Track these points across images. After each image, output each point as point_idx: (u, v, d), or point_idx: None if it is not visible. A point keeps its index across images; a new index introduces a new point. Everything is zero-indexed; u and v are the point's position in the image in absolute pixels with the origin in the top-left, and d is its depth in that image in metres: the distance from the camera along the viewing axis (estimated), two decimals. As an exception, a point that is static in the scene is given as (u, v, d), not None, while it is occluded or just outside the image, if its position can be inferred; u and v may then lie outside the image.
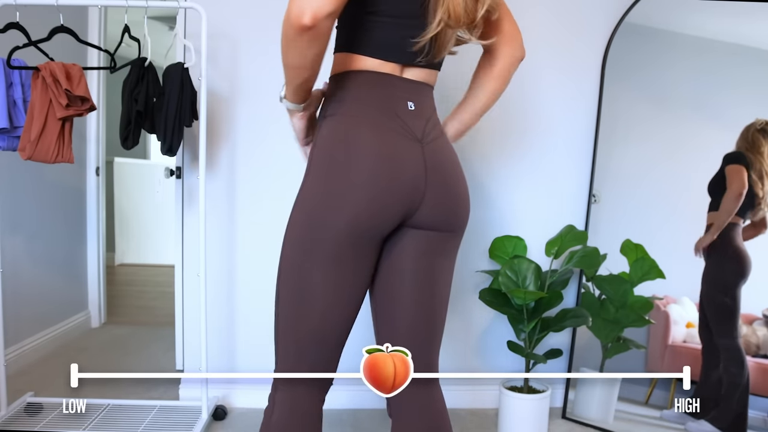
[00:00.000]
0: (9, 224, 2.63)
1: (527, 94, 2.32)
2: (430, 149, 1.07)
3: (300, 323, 1.05)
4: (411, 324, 1.12)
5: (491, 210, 2.36)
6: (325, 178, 1.02)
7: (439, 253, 1.12)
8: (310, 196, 1.03)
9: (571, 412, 2.31)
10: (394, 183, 1.01)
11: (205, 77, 2.00)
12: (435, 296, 1.13)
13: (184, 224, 2.40)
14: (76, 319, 3.27)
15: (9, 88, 1.93)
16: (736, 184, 2.03)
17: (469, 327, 2.40)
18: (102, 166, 3.44)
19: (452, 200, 1.10)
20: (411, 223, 1.07)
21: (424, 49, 1.04)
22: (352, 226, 0.99)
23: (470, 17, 1.03)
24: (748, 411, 1.99)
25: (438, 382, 1.16)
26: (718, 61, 2.14)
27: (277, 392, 1.10)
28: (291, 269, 1.05)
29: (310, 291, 1.03)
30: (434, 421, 1.12)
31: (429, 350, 1.15)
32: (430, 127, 1.09)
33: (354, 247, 1.02)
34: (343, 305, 1.06)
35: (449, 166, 1.10)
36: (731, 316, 2.04)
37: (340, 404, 2.37)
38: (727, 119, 2.10)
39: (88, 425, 2.01)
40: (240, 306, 2.34)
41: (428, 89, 1.12)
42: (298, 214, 1.04)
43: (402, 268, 1.10)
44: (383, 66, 1.05)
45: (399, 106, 1.05)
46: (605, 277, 2.22)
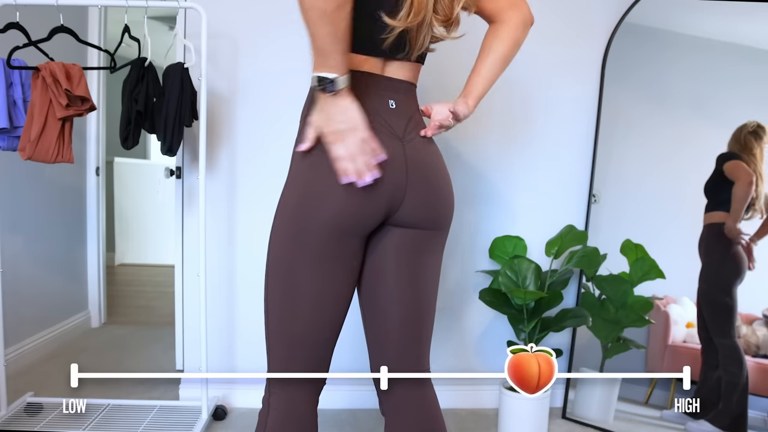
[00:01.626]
0: (9, 224, 2.63)
1: (527, 94, 2.32)
2: (412, 147, 1.06)
3: (291, 324, 1.05)
4: (399, 323, 1.12)
5: (491, 210, 2.36)
6: (307, 177, 1.01)
7: (423, 251, 1.11)
8: (294, 197, 1.03)
9: (571, 412, 2.31)
10: (375, 181, 1.00)
11: (205, 77, 2.00)
12: (421, 294, 1.13)
13: (184, 224, 2.40)
14: (76, 319, 3.27)
15: (9, 88, 1.93)
16: (743, 174, 2.03)
17: (469, 327, 2.40)
18: (102, 166, 3.44)
19: (434, 198, 1.09)
20: (394, 222, 1.07)
21: (400, 44, 1.03)
22: (335, 223, 0.99)
23: (446, 14, 1.03)
24: (747, 411, 1.99)
25: (430, 380, 1.16)
26: (718, 60, 2.14)
27: (271, 395, 1.09)
28: (278, 271, 1.05)
29: (299, 291, 1.03)
30: (427, 418, 1.12)
31: (418, 348, 1.14)
32: (412, 126, 1.08)
33: (339, 244, 1.02)
34: (332, 303, 1.06)
35: (431, 164, 1.09)
36: (730, 316, 2.04)
37: (339, 404, 2.37)
38: (727, 119, 2.10)
39: (88, 425, 2.01)
40: (240, 306, 2.34)
41: (410, 87, 1.11)
42: (281, 216, 1.04)
43: (387, 268, 1.10)
44: (365, 62, 1.03)
45: (380, 104, 1.04)
46: (605, 277, 2.22)
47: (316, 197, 1.00)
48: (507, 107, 2.31)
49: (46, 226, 2.96)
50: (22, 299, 2.75)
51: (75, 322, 3.25)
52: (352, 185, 0.98)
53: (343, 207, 0.99)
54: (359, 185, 0.97)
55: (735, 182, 2.04)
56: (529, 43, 1.23)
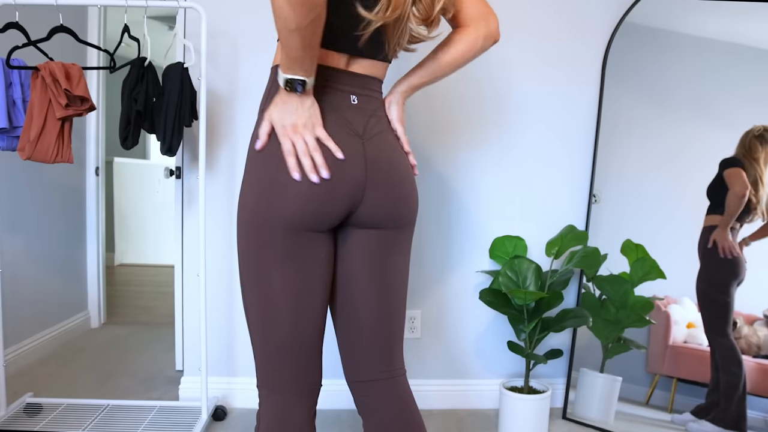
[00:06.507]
0: (9, 224, 2.63)
1: (527, 94, 2.32)
2: (372, 144, 1.04)
3: (270, 325, 1.02)
4: (370, 327, 1.10)
5: (491, 210, 2.36)
6: (264, 172, 0.99)
7: (389, 250, 1.10)
8: (253, 196, 1.00)
9: (571, 413, 2.30)
10: (332, 177, 0.98)
11: (205, 77, 2.00)
12: (391, 296, 1.11)
13: (183, 224, 2.40)
14: (76, 319, 3.27)
15: (8, 88, 1.93)
16: (739, 185, 2.04)
17: (469, 327, 2.39)
18: (102, 166, 3.44)
19: (395, 196, 1.07)
20: (357, 222, 1.06)
21: (376, 41, 1.02)
22: (295, 219, 0.97)
23: (426, 13, 1.02)
24: (746, 411, 1.99)
25: (404, 376, 1.15)
26: (719, 61, 2.13)
27: (262, 407, 1.05)
28: (248, 272, 1.02)
29: (271, 290, 1.01)
30: (404, 415, 1.11)
31: (390, 349, 1.13)
32: (373, 122, 1.06)
33: (302, 240, 0.99)
34: (307, 299, 1.03)
35: (392, 161, 1.07)
36: (727, 315, 2.04)
37: (339, 404, 2.37)
38: (728, 119, 2.10)
39: (88, 425, 2.01)
40: (240, 306, 2.34)
41: (376, 83, 1.09)
42: (242, 215, 1.02)
43: (355, 272, 1.09)
44: (327, 57, 1.01)
45: (341, 99, 1.02)
46: (606, 277, 2.22)
47: (274, 194, 0.97)
48: (507, 107, 2.31)
49: (45, 226, 2.96)
50: (22, 299, 2.75)
51: (75, 322, 3.25)
52: (306, 181, 0.96)
53: (303, 203, 0.97)
54: (312, 180, 0.97)
55: (729, 191, 2.05)
56: (530, 43, 1.23)
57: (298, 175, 0.97)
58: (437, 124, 2.29)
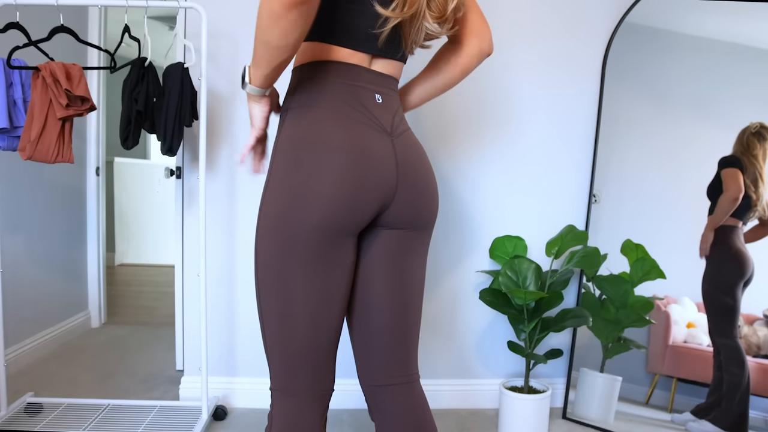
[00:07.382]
0: (9, 224, 2.63)
1: (528, 94, 2.32)
2: (400, 143, 1.05)
3: (289, 332, 1.01)
4: (386, 331, 1.10)
5: (491, 210, 2.36)
6: (293, 176, 0.97)
7: (409, 253, 1.10)
8: (279, 198, 0.98)
9: (571, 413, 2.30)
10: (366, 177, 0.97)
11: (205, 77, 2.00)
12: (408, 298, 1.11)
13: (184, 224, 2.40)
14: (76, 319, 3.27)
15: (9, 88, 1.93)
16: (733, 187, 2.04)
17: (469, 327, 2.40)
18: (102, 166, 3.44)
19: (423, 197, 1.08)
20: (383, 222, 1.05)
21: (393, 40, 1.03)
22: (326, 223, 0.96)
23: (440, 11, 1.03)
24: (749, 411, 1.99)
25: (419, 381, 1.15)
26: (718, 60, 2.13)
27: (274, 407, 1.05)
28: (269, 279, 1.00)
29: (294, 298, 0.99)
30: (419, 420, 1.11)
31: (407, 353, 1.13)
32: (398, 121, 1.07)
33: (332, 245, 0.98)
34: (329, 306, 1.02)
35: (419, 161, 1.08)
36: (732, 316, 2.04)
37: (339, 404, 2.37)
38: (728, 119, 2.10)
39: (88, 425, 2.01)
40: (240, 306, 2.34)
41: (394, 82, 1.10)
42: (266, 222, 1.00)
43: (374, 275, 1.08)
44: (352, 56, 1.02)
45: (367, 98, 1.02)
46: (606, 277, 2.22)
47: (303, 198, 0.95)
48: (507, 107, 2.31)
49: (46, 226, 2.96)
50: (22, 299, 2.75)
51: (75, 322, 3.25)
52: (342, 181, 0.96)
53: (334, 206, 0.96)
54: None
55: (723, 191, 2.05)
56: (530, 43, 1.24)
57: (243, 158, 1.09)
58: (437, 125, 2.30)
